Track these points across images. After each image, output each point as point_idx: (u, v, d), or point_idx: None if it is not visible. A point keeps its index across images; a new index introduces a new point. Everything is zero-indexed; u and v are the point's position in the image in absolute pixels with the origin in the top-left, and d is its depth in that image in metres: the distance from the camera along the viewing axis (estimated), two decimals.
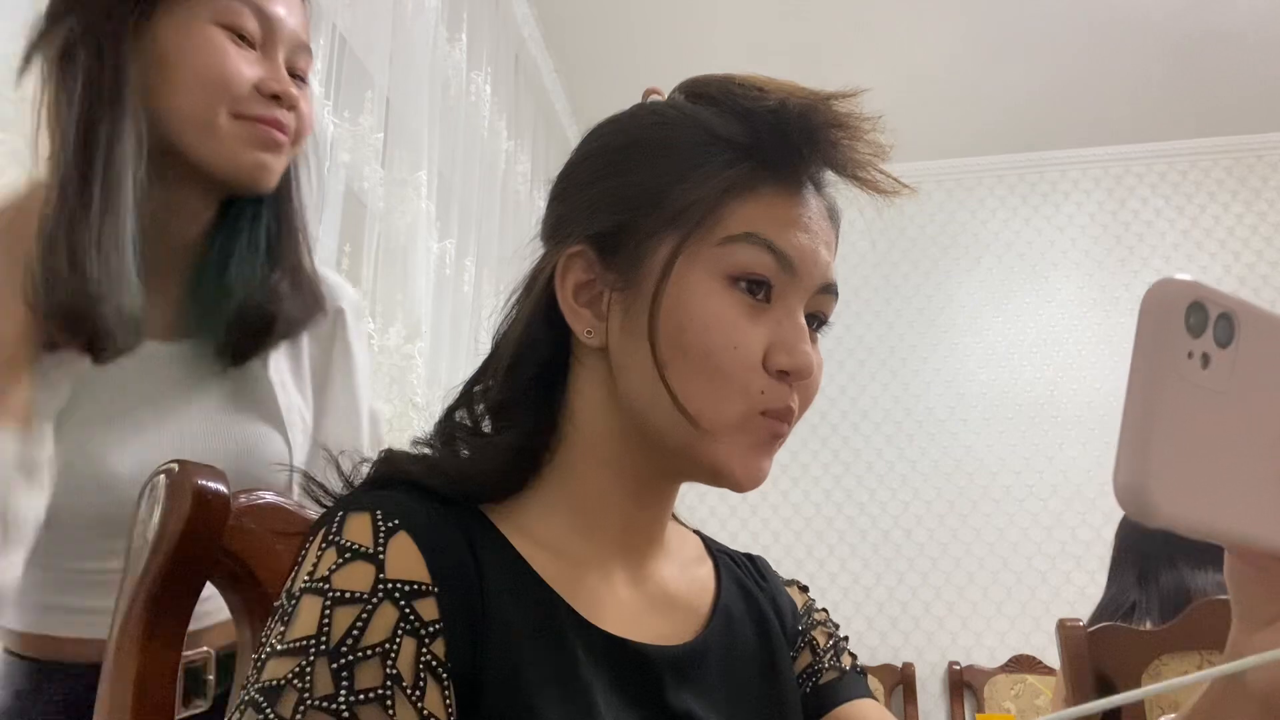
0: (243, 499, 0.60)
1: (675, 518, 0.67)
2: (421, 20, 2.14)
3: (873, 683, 3.32)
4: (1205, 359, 0.30)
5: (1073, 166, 3.86)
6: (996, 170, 3.91)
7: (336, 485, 0.56)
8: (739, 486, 0.54)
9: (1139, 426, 0.29)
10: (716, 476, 0.54)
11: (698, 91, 0.58)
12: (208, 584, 0.59)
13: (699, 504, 3.59)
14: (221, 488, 0.58)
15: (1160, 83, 3.36)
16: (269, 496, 0.62)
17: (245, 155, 0.78)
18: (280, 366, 0.87)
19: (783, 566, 0.72)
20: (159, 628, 0.56)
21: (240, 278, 0.82)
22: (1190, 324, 0.30)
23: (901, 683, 3.34)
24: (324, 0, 1.74)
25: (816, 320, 0.58)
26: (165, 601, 0.56)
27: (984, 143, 3.79)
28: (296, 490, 0.84)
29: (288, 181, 0.86)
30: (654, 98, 0.61)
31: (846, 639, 0.69)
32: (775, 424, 0.54)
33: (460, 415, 0.59)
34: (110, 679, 0.55)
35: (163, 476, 0.58)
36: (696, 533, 0.69)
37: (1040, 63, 3.25)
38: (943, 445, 3.61)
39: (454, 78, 2.35)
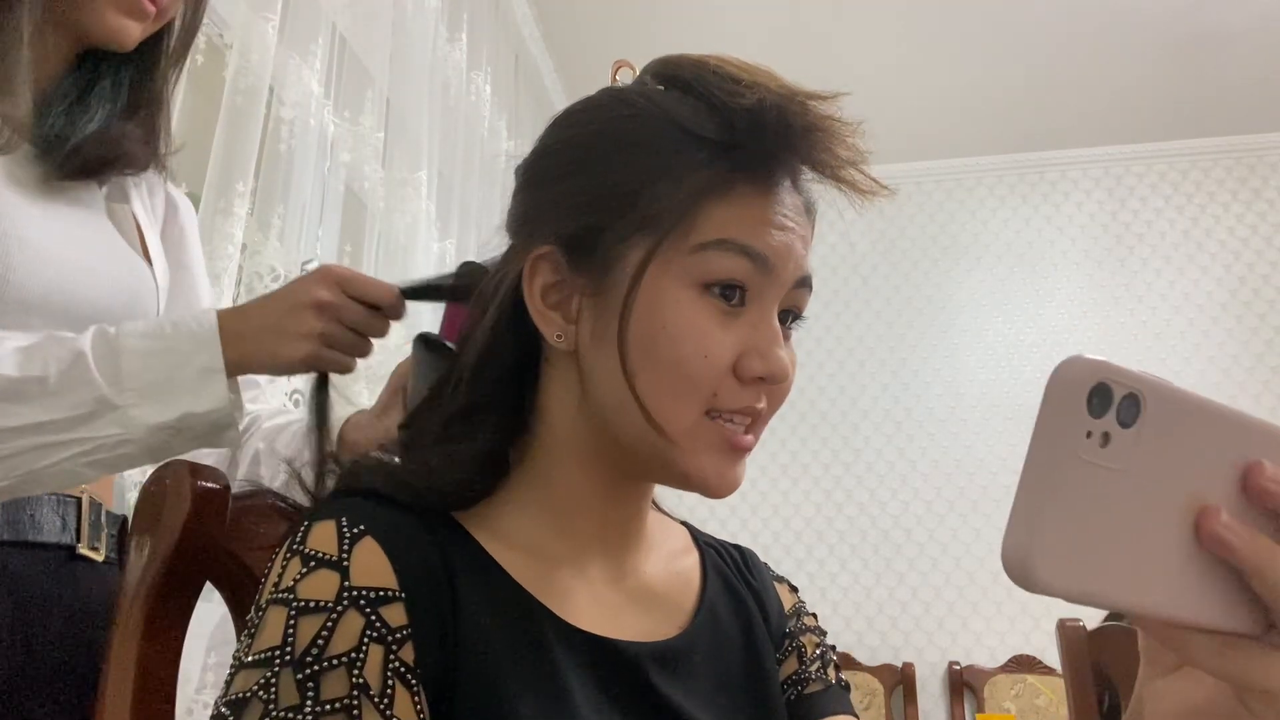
0: (243, 499, 0.60)
1: (660, 509, 0.66)
2: (421, 20, 2.14)
3: (873, 683, 3.32)
4: (1105, 438, 0.30)
5: (1073, 166, 3.86)
6: (996, 170, 3.90)
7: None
8: (710, 494, 0.53)
9: (1028, 501, 0.30)
10: (687, 483, 0.53)
11: (669, 75, 0.55)
12: None
13: (699, 504, 3.57)
14: (221, 488, 0.58)
15: (1160, 83, 3.36)
16: (269, 497, 0.62)
17: (111, 18, 0.81)
18: (140, 211, 0.90)
19: (782, 566, 0.72)
20: (159, 627, 0.56)
21: (99, 105, 0.84)
22: (1093, 405, 0.30)
23: (901, 683, 3.34)
24: (324, 0, 1.74)
25: (791, 315, 0.56)
26: (165, 601, 0.56)
27: (984, 143, 3.79)
28: None
29: (157, 54, 0.88)
30: (624, 71, 0.59)
31: (834, 648, 0.68)
32: (734, 432, 0.53)
33: (430, 417, 0.58)
34: (110, 678, 0.55)
35: (164, 477, 0.58)
36: (684, 524, 0.68)
37: (1041, 63, 3.25)
38: (943, 445, 3.61)
39: (454, 78, 2.35)
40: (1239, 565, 0.33)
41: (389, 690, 0.44)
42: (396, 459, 0.56)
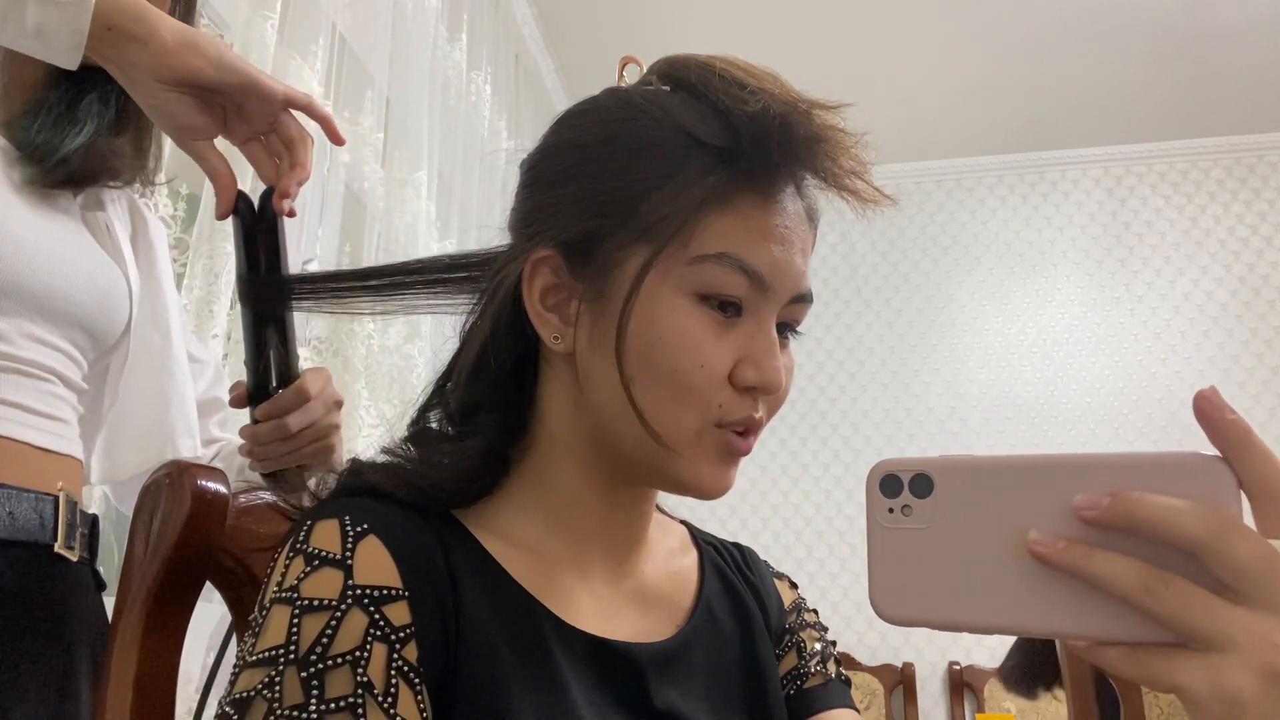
0: (242, 499, 0.60)
1: (659, 508, 0.66)
2: (421, 20, 2.14)
3: (873, 682, 3.32)
4: (906, 509, 0.41)
5: (1073, 166, 3.86)
6: (996, 170, 3.90)
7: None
8: (705, 497, 0.54)
9: (869, 562, 0.42)
10: (682, 488, 0.54)
11: (675, 75, 0.55)
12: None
13: (699, 504, 3.57)
14: (221, 488, 0.58)
15: (1160, 83, 3.36)
16: (268, 496, 0.62)
17: None
18: (114, 219, 0.89)
19: (782, 566, 0.72)
20: (159, 628, 0.56)
21: (86, 118, 0.83)
22: (885, 490, 0.42)
23: (901, 683, 3.34)
24: (324, 0, 1.74)
25: (787, 328, 0.56)
26: (165, 601, 0.56)
27: (984, 143, 3.79)
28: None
29: None
30: (631, 67, 0.59)
31: (834, 644, 0.68)
32: (736, 439, 0.53)
33: (434, 415, 0.58)
34: (111, 678, 0.55)
35: (164, 477, 0.58)
36: (683, 523, 0.68)
37: (1041, 62, 3.25)
38: (942, 445, 3.61)
39: (454, 78, 2.35)
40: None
41: (393, 689, 0.44)
42: (398, 458, 0.56)
